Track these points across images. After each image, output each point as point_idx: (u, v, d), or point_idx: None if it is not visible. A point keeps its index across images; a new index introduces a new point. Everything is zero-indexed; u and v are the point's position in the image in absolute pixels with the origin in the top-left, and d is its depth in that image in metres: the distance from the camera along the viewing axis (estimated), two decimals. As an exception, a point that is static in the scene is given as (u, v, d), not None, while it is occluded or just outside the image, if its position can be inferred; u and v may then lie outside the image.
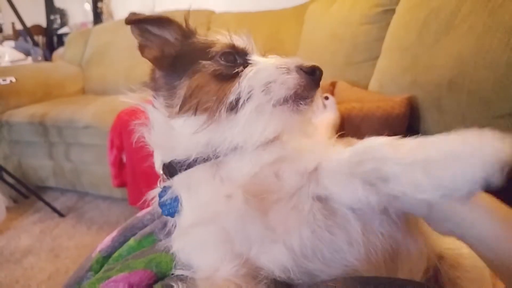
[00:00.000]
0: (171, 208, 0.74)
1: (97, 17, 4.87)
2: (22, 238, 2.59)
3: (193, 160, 0.70)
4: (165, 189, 0.75)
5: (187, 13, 0.83)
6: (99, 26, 4.21)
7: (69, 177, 3.06)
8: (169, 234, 0.75)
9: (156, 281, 0.72)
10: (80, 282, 0.84)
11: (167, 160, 0.75)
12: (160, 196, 0.76)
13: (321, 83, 0.67)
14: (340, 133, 1.02)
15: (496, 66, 1.21)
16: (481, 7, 1.32)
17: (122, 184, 2.42)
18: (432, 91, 1.53)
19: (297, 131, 0.68)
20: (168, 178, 0.75)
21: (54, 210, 2.86)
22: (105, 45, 3.77)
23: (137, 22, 0.78)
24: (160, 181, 0.79)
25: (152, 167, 0.82)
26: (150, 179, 0.83)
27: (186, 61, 0.74)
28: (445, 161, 0.44)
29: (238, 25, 3.25)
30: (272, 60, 0.69)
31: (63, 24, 5.33)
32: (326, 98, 1.65)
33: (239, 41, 0.75)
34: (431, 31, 1.58)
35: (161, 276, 0.73)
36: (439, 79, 1.47)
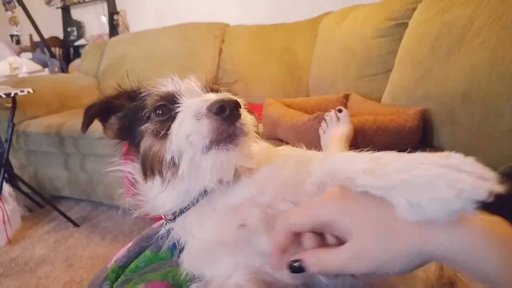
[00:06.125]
0: (171, 249, 0.79)
1: (113, 29, 4.94)
2: (37, 248, 2.62)
3: (182, 208, 0.72)
4: (169, 231, 0.79)
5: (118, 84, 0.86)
6: (115, 38, 4.27)
7: (84, 187, 3.09)
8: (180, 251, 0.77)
9: (172, 293, 0.73)
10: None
11: (160, 214, 0.78)
12: (167, 235, 0.80)
13: (241, 110, 0.65)
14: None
15: (510, 79, 1.21)
16: (494, 21, 1.32)
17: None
18: (446, 104, 1.53)
19: (238, 164, 0.68)
20: (170, 221, 0.77)
21: (69, 220, 2.89)
22: (121, 57, 3.82)
23: (94, 118, 0.81)
24: (164, 223, 0.81)
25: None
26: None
27: (135, 129, 0.76)
28: (423, 187, 0.42)
29: (252, 38, 3.30)
30: (192, 106, 0.67)
31: (80, 36, 5.41)
32: (340, 110, 1.65)
33: (167, 87, 0.75)
34: (444, 44, 1.58)
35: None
36: (452, 92, 1.47)
